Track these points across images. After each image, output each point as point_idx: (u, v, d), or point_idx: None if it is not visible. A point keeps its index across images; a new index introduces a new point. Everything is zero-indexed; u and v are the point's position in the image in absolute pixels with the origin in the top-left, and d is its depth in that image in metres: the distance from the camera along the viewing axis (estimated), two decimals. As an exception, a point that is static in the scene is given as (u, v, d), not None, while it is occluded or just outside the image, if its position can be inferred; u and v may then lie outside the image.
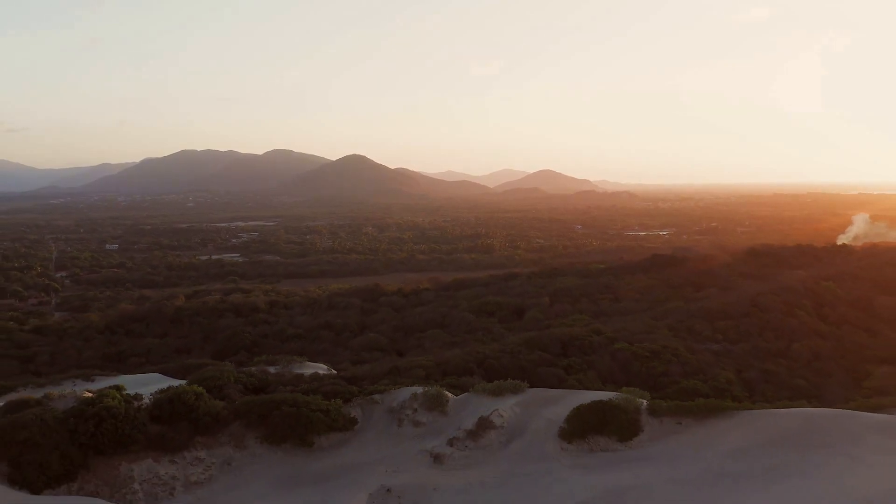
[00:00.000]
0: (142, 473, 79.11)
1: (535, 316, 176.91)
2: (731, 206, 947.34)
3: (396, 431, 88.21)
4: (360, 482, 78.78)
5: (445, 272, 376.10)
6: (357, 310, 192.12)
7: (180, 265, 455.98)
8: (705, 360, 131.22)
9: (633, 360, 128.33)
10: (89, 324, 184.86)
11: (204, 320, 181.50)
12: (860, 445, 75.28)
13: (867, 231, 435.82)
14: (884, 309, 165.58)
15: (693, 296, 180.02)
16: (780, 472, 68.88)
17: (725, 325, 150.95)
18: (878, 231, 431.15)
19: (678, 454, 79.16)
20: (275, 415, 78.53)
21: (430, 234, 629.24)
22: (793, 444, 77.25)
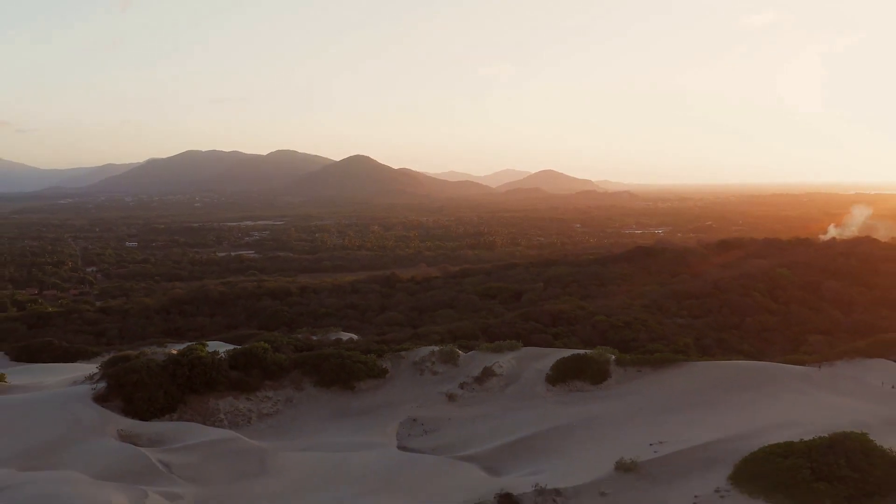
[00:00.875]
0: (225, 407, 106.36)
1: (531, 298, 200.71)
2: (729, 206, 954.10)
3: (419, 379, 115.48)
4: (393, 415, 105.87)
5: (451, 266, 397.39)
6: (377, 294, 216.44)
7: (202, 261, 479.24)
8: (670, 330, 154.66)
9: (609, 329, 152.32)
10: (147, 305, 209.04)
11: (246, 302, 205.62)
12: (779, 387, 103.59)
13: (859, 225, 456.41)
14: (828, 291, 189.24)
15: (667, 281, 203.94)
16: (717, 406, 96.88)
17: (690, 304, 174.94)
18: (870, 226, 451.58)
19: (637, 392, 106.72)
20: (325, 364, 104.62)
21: (435, 233, 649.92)
22: (728, 385, 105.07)
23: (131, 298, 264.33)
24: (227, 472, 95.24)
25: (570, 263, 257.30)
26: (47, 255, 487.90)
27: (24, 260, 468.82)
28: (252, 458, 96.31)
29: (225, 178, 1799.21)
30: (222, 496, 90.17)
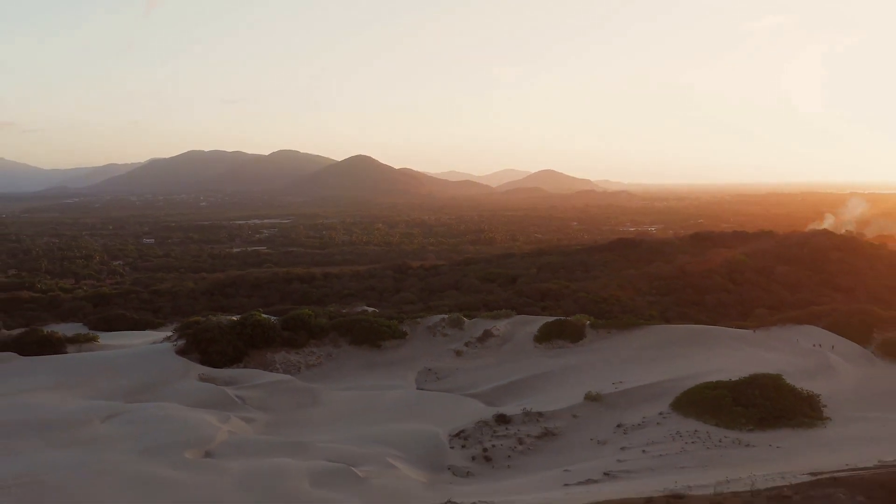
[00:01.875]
0: (280, 359, 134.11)
1: (525, 281, 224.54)
2: (724, 205, 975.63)
3: (432, 339, 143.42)
4: (411, 366, 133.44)
5: (455, 258, 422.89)
6: (391, 278, 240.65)
7: (221, 255, 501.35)
8: (640, 305, 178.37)
9: (588, 303, 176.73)
10: (192, 288, 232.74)
11: (278, 285, 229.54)
12: (718, 344, 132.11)
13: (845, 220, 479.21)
14: (780, 274, 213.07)
15: (643, 267, 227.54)
16: (667, 357, 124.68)
17: (659, 284, 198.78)
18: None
19: (606, 348, 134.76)
20: (357, 327, 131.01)
21: (437, 230, 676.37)
22: (677, 343, 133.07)
23: (176, 283, 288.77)
24: (287, 404, 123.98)
25: (560, 253, 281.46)
26: (72, 251, 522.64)
27: (54, 254, 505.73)
28: (306, 394, 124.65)
29: (228, 177, 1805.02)
30: (285, 421, 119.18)
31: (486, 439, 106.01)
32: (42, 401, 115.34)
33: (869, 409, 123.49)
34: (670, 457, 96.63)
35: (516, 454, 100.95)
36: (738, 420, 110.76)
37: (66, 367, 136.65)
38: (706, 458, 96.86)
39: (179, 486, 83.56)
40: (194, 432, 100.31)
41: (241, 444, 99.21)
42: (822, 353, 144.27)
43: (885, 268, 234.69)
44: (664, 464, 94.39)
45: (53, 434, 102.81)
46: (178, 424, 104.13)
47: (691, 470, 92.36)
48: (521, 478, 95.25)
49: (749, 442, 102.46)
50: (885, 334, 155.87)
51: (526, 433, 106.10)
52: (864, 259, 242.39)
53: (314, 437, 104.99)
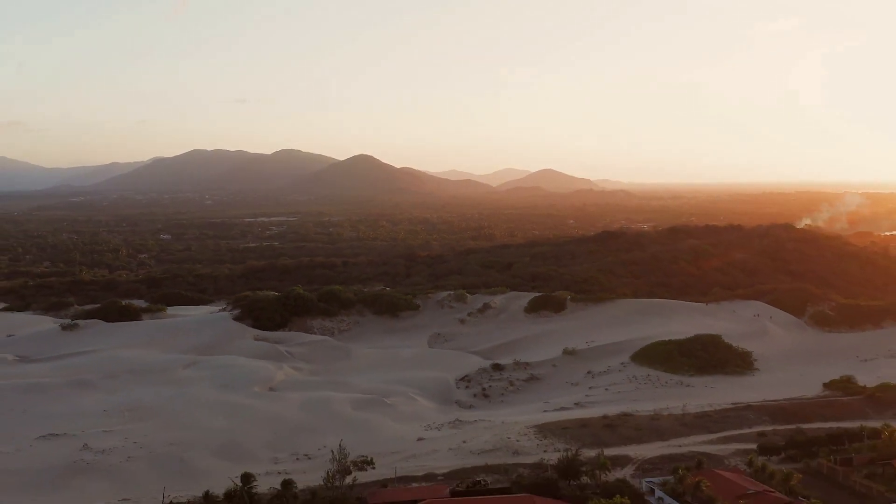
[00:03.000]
0: (317, 325, 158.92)
1: (519, 267, 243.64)
2: (718, 203, 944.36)
3: (440, 311, 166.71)
4: (424, 331, 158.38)
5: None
6: (402, 265, 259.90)
7: (239, 249, 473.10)
8: (615, 285, 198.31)
9: (571, 284, 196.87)
10: (229, 273, 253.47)
11: (304, 270, 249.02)
12: (675, 314, 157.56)
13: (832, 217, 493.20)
14: (739, 261, 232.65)
15: (621, 255, 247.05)
16: (631, 323, 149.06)
17: (633, 269, 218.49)
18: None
19: (583, 317, 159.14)
20: (379, 300, 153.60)
21: (440, 227, 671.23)
22: (640, 312, 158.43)
23: (215, 269, 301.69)
24: (326, 357, 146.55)
25: (551, 244, 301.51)
26: (97, 245, 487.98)
27: (84, 248, 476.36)
28: (340, 350, 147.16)
29: (231, 176, 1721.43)
30: (326, 370, 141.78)
31: (485, 382, 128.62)
32: (134, 354, 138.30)
33: (792, 364, 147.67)
34: (626, 392, 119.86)
35: (508, 392, 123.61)
36: (681, 367, 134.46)
37: (146, 330, 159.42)
38: (654, 393, 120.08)
39: (254, 409, 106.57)
40: (258, 374, 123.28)
41: (295, 382, 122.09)
42: (760, 322, 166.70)
43: (834, 256, 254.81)
44: (621, 397, 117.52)
45: (149, 376, 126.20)
46: (245, 369, 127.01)
47: (642, 401, 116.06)
48: (511, 408, 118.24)
49: (689, 383, 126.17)
50: (815, 307, 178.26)
51: (515, 377, 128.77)
52: (817, 249, 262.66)
53: (350, 379, 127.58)
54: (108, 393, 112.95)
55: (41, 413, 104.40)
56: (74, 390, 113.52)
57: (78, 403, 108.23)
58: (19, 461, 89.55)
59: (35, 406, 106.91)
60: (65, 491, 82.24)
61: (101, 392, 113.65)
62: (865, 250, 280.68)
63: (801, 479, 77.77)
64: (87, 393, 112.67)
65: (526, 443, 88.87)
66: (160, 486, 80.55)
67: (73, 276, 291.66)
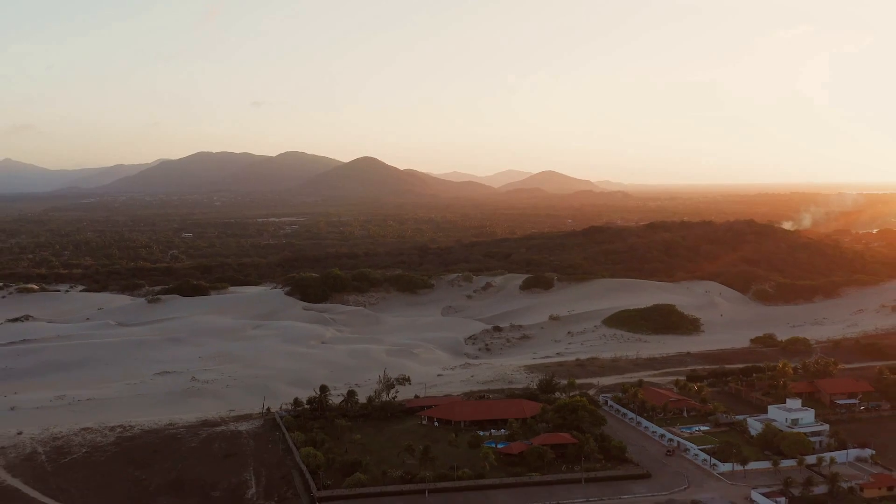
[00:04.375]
0: (351, 299, 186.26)
1: (516, 256, 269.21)
2: (712, 203, 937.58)
3: (451, 288, 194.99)
4: (438, 304, 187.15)
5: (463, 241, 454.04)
6: (416, 255, 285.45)
7: (261, 245, 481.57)
8: (595, 270, 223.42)
9: (559, 268, 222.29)
10: (266, 262, 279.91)
11: (331, 260, 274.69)
12: (642, 290, 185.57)
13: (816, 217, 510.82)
14: (704, 251, 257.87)
15: (604, 245, 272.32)
16: (606, 297, 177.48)
17: (614, 257, 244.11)
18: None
19: (567, 292, 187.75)
20: (401, 280, 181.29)
21: (444, 226, 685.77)
22: (614, 289, 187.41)
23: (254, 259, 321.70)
24: (361, 322, 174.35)
25: (545, 237, 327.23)
26: (126, 242, 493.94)
27: (119, 244, 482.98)
28: (372, 317, 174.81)
29: (236, 178, 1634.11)
30: (362, 331, 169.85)
31: (487, 340, 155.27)
32: (211, 319, 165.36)
33: (732, 329, 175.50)
34: (597, 346, 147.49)
35: (505, 347, 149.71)
36: (641, 328, 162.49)
37: (216, 302, 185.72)
38: (617, 346, 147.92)
39: (312, 355, 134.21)
40: (311, 332, 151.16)
41: (340, 338, 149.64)
42: (710, 296, 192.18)
43: (788, 247, 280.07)
44: (592, 349, 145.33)
45: (225, 335, 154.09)
46: (301, 329, 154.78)
47: (607, 351, 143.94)
48: (507, 357, 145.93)
49: (646, 340, 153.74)
50: (758, 286, 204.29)
51: (511, 336, 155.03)
52: (773, 240, 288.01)
53: (382, 338, 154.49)
54: (197, 346, 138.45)
55: (151, 359, 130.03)
56: (171, 344, 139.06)
57: (177, 353, 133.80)
58: (146, 389, 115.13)
59: (145, 354, 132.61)
60: (184, 406, 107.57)
61: (192, 346, 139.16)
62: (816, 242, 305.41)
63: (712, 394, 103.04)
64: (182, 346, 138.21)
65: (517, 376, 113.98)
66: (253, 404, 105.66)
67: (136, 264, 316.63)
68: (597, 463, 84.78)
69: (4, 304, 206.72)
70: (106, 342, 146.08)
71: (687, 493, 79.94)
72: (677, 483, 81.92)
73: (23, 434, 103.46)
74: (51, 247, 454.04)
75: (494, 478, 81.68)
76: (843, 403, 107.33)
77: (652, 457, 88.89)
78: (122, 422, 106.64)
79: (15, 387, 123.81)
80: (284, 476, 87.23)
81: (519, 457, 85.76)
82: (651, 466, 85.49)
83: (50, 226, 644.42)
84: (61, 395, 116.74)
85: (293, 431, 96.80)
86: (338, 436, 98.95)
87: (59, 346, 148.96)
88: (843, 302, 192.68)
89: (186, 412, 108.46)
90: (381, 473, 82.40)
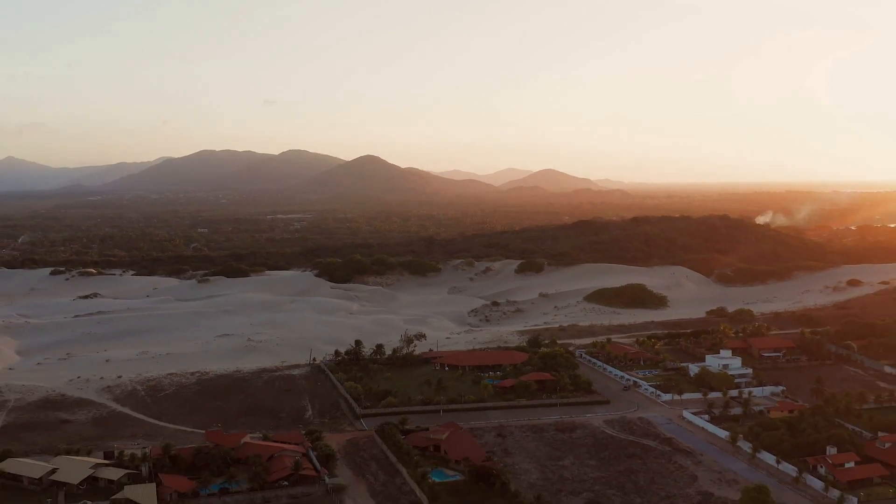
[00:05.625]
0: (371, 280, 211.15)
1: (513, 246, 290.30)
2: (707, 202, 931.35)
3: (456, 272, 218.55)
4: (444, 285, 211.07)
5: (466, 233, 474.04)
6: (423, 245, 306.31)
7: (276, 239, 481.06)
8: (582, 258, 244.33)
9: (550, 256, 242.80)
10: (291, 252, 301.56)
11: (347, 249, 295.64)
12: (620, 273, 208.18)
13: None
14: (680, 242, 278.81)
15: (591, 236, 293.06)
16: (587, 278, 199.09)
17: (599, 246, 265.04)
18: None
19: (556, 275, 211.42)
20: (413, 264, 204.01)
21: (446, 223, 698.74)
22: (597, 272, 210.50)
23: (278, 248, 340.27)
24: (381, 299, 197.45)
25: (539, 229, 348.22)
26: (148, 236, 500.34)
27: (143, 239, 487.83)
28: (389, 295, 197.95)
29: (240, 176, 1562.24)
30: (382, 306, 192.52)
31: (487, 312, 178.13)
32: (254, 296, 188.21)
33: (694, 305, 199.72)
34: (578, 316, 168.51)
35: (502, 318, 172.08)
36: (616, 303, 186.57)
37: (256, 282, 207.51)
38: (595, 316, 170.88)
39: (344, 323, 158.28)
40: (341, 306, 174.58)
41: (365, 311, 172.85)
42: (676, 278, 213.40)
43: (755, 238, 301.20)
44: (574, 319, 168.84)
45: (269, 308, 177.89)
46: (332, 303, 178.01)
47: (586, 320, 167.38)
48: (503, 326, 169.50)
49: (619, 312, 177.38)
50: (720, 270, 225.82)
51: (507, 310, 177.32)
52: (743, 232, 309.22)
53: (400, 311, 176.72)
54: (247, 316, 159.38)
55: (210, 326, 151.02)
56: (225, 314, 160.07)
57: (230, 321, 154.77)
58: (212, 347, 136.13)
59: (205, 322, 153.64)
60: (245, 359, 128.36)
61: (242, 316, 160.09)
62: (781, 234, 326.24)
63: (665, 349, 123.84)
64: (234, 316, 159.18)
65: (511, 338, 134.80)
66: (300, 358, 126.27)
67: (176, 252, 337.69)
68: (569, 394, 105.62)
69: (71, 284, 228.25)
70: (170, 313, 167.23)
71: (635, 413, 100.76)
72: (629, 407, 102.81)
73: (122, 377, 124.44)
74: (79, 240, 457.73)
75: (491, 402, 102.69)
76: (768, 356, 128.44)
77: (612, 391, 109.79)
78: (198, 369, 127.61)
79: (103, 346, 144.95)
80: (333, 403, 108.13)
81: (510, 389, 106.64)
82: (611, 396, 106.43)
83: (65, 222, 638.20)
84: (144, 351, 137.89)
85: (336, 373, 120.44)
86: (371, 376, 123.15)
87: (131, 315, 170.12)
88: (793, 284, 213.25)
89: (247, 363, 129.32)
90: (407, 398, 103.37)
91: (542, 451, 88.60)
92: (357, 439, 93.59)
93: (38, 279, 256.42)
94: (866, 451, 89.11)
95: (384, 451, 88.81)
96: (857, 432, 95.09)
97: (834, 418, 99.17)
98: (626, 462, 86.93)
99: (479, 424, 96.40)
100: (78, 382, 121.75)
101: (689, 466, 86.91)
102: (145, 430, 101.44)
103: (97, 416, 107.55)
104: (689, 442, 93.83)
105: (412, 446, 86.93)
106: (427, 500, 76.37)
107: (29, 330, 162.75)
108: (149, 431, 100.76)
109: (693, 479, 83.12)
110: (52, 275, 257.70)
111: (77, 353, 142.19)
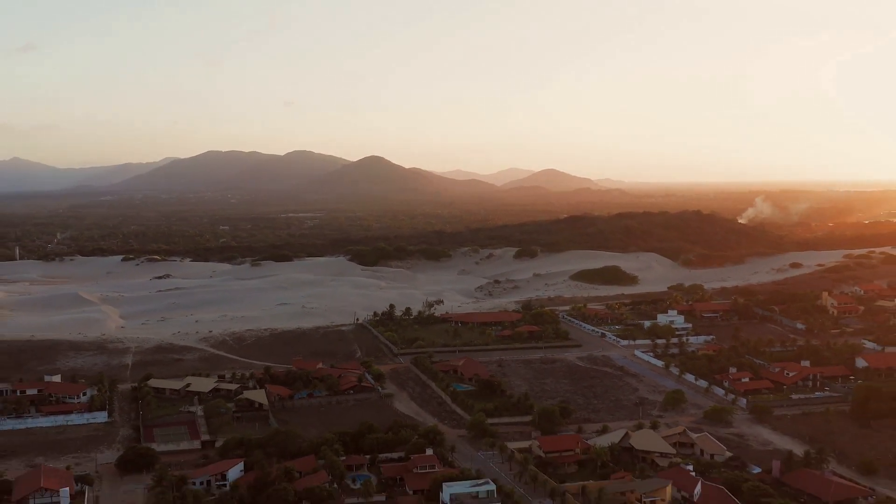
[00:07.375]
0: (394, 264, 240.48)
1: (512, 237, 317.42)
2: (703, 201, 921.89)
3: (464, 257, 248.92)
4: (455, 268, 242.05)
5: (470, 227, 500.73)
6: (434, 237, 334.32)
7: (297, 234, 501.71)
8: (571, 247, 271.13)
9: (544, 245, 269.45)
10: (320, 243, 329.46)
11: (370, 241, 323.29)
12: (600, 258, 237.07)
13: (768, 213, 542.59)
14: (657, 234, 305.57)
15: (580, 229, 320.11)
16: (576, 262, 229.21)
17: (586, 237, 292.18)
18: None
19: (548, 259, 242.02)
20: (427, 251, 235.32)
21: (451, 221, 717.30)
22: (582, 257, 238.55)
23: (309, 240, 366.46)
24: (403, 279, 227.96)
25: (536, 224, 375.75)
26: (177, 234, 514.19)
27: (175, 234, 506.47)
28: (410, 275, 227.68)
29: (245, 177, 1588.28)
30: (404, 284, 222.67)
31: (490, 288, 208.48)
32: (300, 275, 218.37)
33: (660, 283, 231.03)
34: (563, 291, 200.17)
35: (503, 293, 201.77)
36: (595, 281, 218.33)
37: (299, 265, 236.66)
38: (578, 291, 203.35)
39: (376, 295, 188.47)
40: (371, 283, 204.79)
41: (391, 287, 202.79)
42: (648, 262, 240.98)
43: (723, 231, 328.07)
44: (560, 293, 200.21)
45: (314, 284, 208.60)
46: (364, 281, 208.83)
47: (570, 293, 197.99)
48: (503, 298, 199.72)
49: (597, 288, 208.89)
50: (685, 256, 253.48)
51: (506, 286, 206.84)
52: (712, 226, 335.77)
53: (420, 287, 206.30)
54: (297, 291, 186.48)
55: (270, 298, 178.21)
56: (279, 290, 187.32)
57: (285, 294, 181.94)
58: (274, 312, 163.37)
59: (265, 295, 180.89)
60: (303, 320, 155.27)
61: (293, 291, 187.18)
62: (746, 228, 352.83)
63: (629, 312, 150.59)
64: (287, 291, 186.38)
65: (509, 307, 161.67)
66: (345, 319, 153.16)
67: (222, 244, 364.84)
68: (552, 340, 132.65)
69: (141, 269, 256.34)
70: (235, 288, 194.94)
71: (599, 352, 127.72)
72: (595, 349, 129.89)
73: (213, 332, 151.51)
74: (114, 237, 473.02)
75: (493, 345, 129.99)
76: (707, 316, 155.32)
77: (585, 339, 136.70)
78: (269, 326, 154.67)
79: (189, 312, 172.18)
80: (376, 348, 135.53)
81: (508, 336, 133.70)
82: (582, 342, 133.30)
83: (88, 221, 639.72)
84: (223, 315, 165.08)
85: (376, 328, 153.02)
86: (402, 329, 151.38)
87: (204, 290, 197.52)
88: (745, 266, 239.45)
89: (305, 323, 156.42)
90: (431, 342, 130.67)
91: (530, 375, 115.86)
92: (397, 368, 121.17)
93: (112, 265, 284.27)
94: (761, 374, 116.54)
95: (418, 374, 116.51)
96: (760, 364, 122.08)
97: (745, 355, 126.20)
98: (589, 381, 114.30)
99: (484, 359, 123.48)
100: (179, 335, 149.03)
101: (633, 383, 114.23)
102: (238, 365, 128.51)
103: (201, 356, 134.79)
104: (636, 369, 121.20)
105: (438, 370, 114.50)
106: (450, 400, 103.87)
107: (125, 301, 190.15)
108: (241, 366, 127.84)
109: (635, 390, 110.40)
110: (124, 261, 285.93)
111: (170, 317, 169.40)
